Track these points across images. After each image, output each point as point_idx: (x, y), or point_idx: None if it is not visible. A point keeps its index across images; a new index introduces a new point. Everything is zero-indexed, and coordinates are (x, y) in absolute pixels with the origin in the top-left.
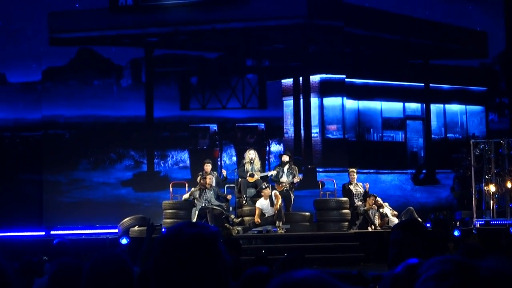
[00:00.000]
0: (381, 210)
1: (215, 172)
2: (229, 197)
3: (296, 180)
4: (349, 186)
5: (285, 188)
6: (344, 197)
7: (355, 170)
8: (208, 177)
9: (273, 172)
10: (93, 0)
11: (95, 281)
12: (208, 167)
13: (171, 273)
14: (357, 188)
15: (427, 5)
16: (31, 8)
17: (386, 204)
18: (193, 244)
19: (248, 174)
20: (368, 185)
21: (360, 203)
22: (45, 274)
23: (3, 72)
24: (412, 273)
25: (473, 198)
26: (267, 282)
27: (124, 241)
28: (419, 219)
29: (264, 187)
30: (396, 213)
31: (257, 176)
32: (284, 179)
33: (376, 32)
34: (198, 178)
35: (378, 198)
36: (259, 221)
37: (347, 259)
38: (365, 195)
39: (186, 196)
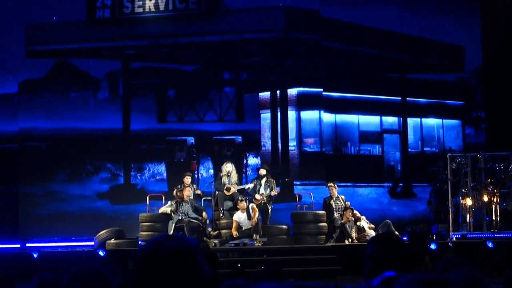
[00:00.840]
0: (358, 223)
1: (194, 185)
2: (204, 214)
3: (273, 193)
4: (330, 201)
5: (263, 201)
6: (323, 210)
7: (333, 185)
8: (186, 189)
9: (250, 185)
10: (70, 13)
11: None
12: (188, 179)
13: (151, 286)
14: (338, 202)
15: (404, 19)
16: (8, 20)
17: (363, 217)
18: (173, 258)
19: (225, 187)
20: (349, 203)
21: (337, 215)
22: None
23: None
24: (389, 285)
25: (450, 212)
26: None
27: (100, 253)
28: (396, 232)
29: (240, 200)
30: (373, 226)
31: (234, 189)
32: (261, 192)
33: (353, 46)
34: (174, 192)
35: (355, 211)
36: (237, 234)
37: (324, 272)
38: (344, 209)
39: (163, 209)
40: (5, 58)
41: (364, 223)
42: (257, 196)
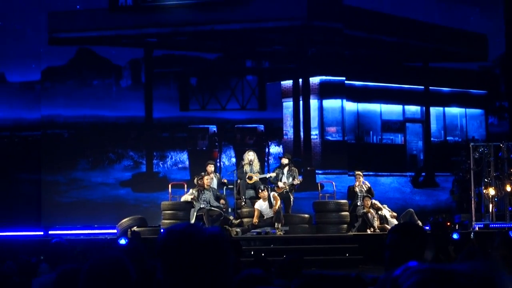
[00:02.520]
0: (380, 212)
1: (217, 173)
2: (222, 201)
3: (296, 182)
4: (354, 188)
5: (285, 190)
6: (348, 198)
7: (361, 173)
8: (206, 177)
9: (272, 174)
10: (92, 0)
11: (94, 282)
12: (211, 167)
13: (185, 270)
14: (362, 188)
15: (427, 7)
16: (31, 8)
17: (385, 206)
18: (205, 246)
19: (247, 176)
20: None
21: (360, 203)
22: (41, 274)
23: (3, 72)
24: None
25: (472, 201)
26: (261, 284)
27: (122, 241)
28: (419, 221)
29: (261, 189)
30: (395, 214)
31: (256, 177)
32: (283, 181)
33: (376, 34)
34: (195, 180)
35: (374, 201)
36: (257, 221)
37: (345, 261)
38: (365, 195)
39: (185, 197)
40: (28, 45)
41: (386, 212)
42: (280, 184)
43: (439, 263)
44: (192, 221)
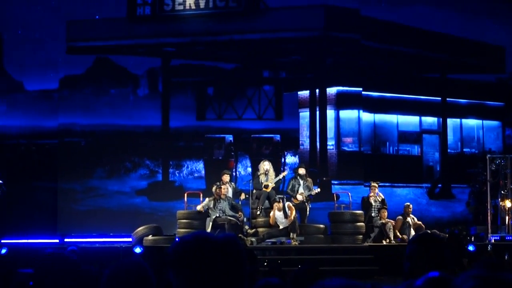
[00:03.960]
0: (408, 219)
1: (232, 183)
2: (240, 214)
3: (314, 193)
4: (369, 199)
5: (302, 201)
6: (362, 209)
7: (376, 185)
8: (223, 187)
9: (285, 173)
10: (111, 9)
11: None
12: (226, 177)
13: (200, 276)
14: (377, 199)
15: (444, 19)
16: (50, 17)
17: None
18: (221, 251)
19: (263, 186)
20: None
21: (375, 214)
22: None
23: (21, 80)
24: (433, 285)
25: (489, 213)
26: None
27: (138, 250)
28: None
29: (277, 200)
30: (419, 223)
31: (271, 184)
32: (301, 191)
33: (393, 45)
34: (214, 188)
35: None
36: (273, 222)
37: (361, 272)
38: (380, 207)
39: (199, 207)
40: (46, 54)
41: (409, 219)
42: (299, 197)
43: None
44: (208, 230)
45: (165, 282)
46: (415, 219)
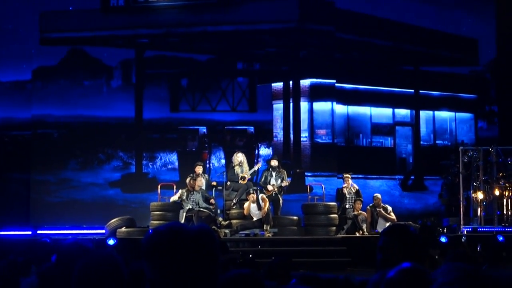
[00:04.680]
0: (378, 209)
1: (205, 175)
2: (212, 201)
3: (284, 184)
4: (343, 190)
5: (274, 192)
6: (337, 200)
7: (349, 176)
8: (198, 179)
9: (259, 165)
10: (84, 1)
11: (86, 281)
12: (199, 169)
13: (173, 267)
14: (351, 191)
15: (418, 11)
16: (23, 7)
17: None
18: (195, 243)
19: (239, 178)
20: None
21: (349, 206)
22: (31, 274)
23: None
24: (406, 277)
25: (461, 205)
26: (249, 284)
27: (111, 242)
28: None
29: (250, 192)
30: (393, 217)
31: (247, 176)
32: (272, 183)
33: (367, 37)
34: (188, 180)
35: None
36: (247, 212)
37: (334, 263)
38: (355, 198)
39: (174, 198)
40: (19, 45)
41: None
42: (269, 187)
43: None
44: (182, 221)
45: (138, 274)
46: (389, 209)
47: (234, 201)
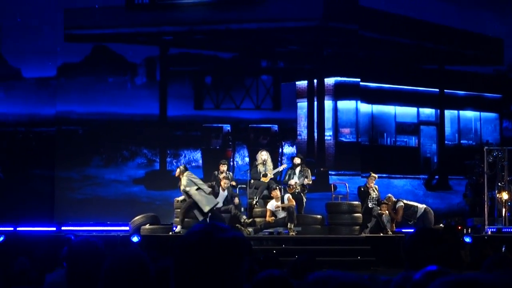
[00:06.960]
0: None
1: (230, 173)
2: (236, 200)
3: (307, 182)
4: (368, 189)
5: (296, 191)
6: (359, 198)
7: (376, 176)
8: (224, 180)
9: (284, 166)
10: None
11: (114, 278)
12: (223, 167)
13: (197, 275)
14: (375, 189)
15: (443, 10)
16: (48, 5)
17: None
18: (224, 249)
19: (261, 175)
20: (392, 196)
21: (372, 204)
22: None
23: (19, 68)
24: (432, 279)
25: (485, 205)
26: (279, 285)
27: (135, 239)
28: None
29: (274, 188)
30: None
31: (270, 175)
32: (294, 181)
33: (391, 36)
34: (216, 173)
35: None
36: (273, 219)
37: (358, 262)
38: (379, 202)
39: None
40: (44, 42)
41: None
42: (291, 182)
43: (449, 267)
44: (205, 209)
45: (164, 271)
46: (399, 204)
47: (255, 199)
